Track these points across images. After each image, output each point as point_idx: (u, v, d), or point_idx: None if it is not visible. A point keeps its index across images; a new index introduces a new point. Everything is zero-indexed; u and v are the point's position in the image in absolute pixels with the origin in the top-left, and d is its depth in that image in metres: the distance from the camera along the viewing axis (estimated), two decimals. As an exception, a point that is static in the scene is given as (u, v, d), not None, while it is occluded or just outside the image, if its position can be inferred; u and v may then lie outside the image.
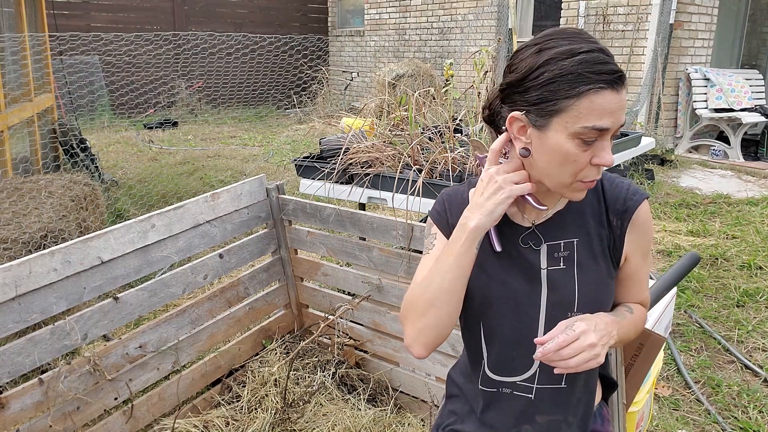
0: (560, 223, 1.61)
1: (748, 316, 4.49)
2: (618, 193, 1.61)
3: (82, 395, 2.59)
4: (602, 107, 1.37)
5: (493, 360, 1.68)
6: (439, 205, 1.73)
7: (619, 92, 1.38)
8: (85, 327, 2.58)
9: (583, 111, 1.37)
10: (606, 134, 1.40)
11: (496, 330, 1.65)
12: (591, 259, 1.59)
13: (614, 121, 1.38)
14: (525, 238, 1.62)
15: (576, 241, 1.59)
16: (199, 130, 12.46)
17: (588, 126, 1.37)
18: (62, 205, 4.33)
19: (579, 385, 1.66)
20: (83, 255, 2.54)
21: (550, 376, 1.63)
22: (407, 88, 3.89)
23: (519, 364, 1.65)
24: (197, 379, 3.17)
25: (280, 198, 3.42)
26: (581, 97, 1.36)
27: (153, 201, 6.96)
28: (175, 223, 2.92)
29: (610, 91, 1.36)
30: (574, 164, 1.42)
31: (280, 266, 3.55)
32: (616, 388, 1.92)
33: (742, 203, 7.25)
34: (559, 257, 1.59)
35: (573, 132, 1.39)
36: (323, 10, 16.73)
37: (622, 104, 1.39)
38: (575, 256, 1.59)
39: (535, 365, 1.63)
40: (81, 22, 13.12)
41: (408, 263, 2.96)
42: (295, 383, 3.24)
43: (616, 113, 1.38)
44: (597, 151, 1.41)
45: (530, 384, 1.65)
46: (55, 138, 7.45)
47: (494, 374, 1.68)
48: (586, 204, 1.62)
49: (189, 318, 3.07)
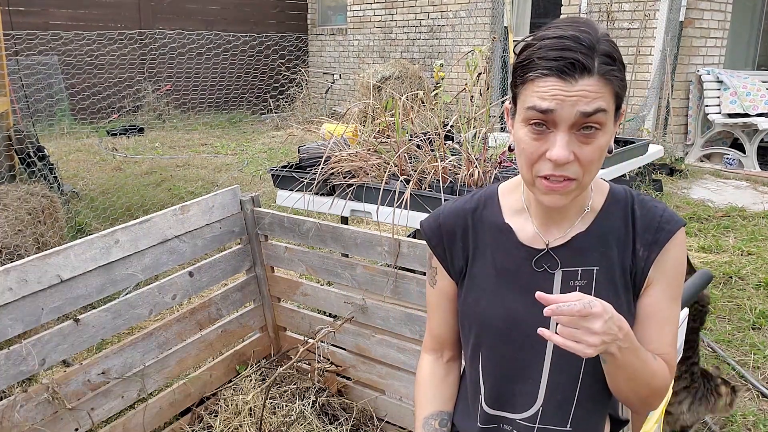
0: (579, 247, 1.59)
1: (765, 339, 4.52)
2: (650, 221, 1.58)
3: (39, 426, 2.59)
4: (543, 91, 1.40)
5: (490, 393, 1.68)
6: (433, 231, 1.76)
7: (568, 81, 1.39)
8: (43, 351, 2.58)
9: (528, 94, 1.43)
10: (557, 123, 1.41)
11: (495, 360, 1.66)
12: (611, 292, 1.56)
13: (560, 106, 1.39)
14: (539, 261, 1.61)
15: (596, 270, 1.57)
16: (167, 137, 12.45)
17: (529, 106, 1.42)
18: (18, 219, 4.33)
19: (585, 428, 1.65)
20: (41, 273, 2.54)
21: (555, 417, 1.62)
22: (394, 91, 3.91)
23: (520, 401, 1.64)
24: (165, 408, 3.17)
25: (256, 211, 3.44)
26: (527, 83, 1.44)
27: (117, 214, 6.96)
28: (141, 239, 2.93)
29: (556, 78, 1.39)
30: (526, 154, 1.46)
31: (256, 285, 3.56)
32: (625, 425, 1.90)
33: (758, 217, 7.29)
34: (575, 286, 1.58)
35: (523, 117, 1.45)
36: (302, 6, 16.77)
37: (574, 92, 1.39)
38: (593, 286, 1.57)
39: (538, 404, 1.62)
40: (38, 20, 13.09)
41: (395, 282, 2.97)
42: (271, 413, 3.24)
43: (561, 99, 1.39)
44: (550, 144, 1.42)
45: (531, 424, 1.64)
46: (11, 146, 7.43)
47: (491, 408, 1.68)
48: (612, 228, 1.59)
49: (156, 342, 3.08)
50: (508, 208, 1.69)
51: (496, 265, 1.65)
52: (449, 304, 1.79)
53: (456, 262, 1.72)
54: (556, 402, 1.61)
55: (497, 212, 1.69)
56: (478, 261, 1.69)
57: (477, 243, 1.69)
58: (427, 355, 1.88)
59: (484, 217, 1.70)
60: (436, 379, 1.83)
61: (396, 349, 3.09)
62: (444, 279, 1.76)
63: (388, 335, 3.12)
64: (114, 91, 13.84)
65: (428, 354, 1.88)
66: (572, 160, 1.41)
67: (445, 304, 1.79)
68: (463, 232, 1.71)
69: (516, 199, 1.68)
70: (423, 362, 1.88)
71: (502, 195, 1.72)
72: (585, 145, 1.41)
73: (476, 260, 1.69)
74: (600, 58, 1.40)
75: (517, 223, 1.66)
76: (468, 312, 1.69)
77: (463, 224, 1.71)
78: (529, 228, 1.63)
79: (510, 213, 1.68)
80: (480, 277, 1.66)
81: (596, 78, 1.39)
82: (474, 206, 1.72)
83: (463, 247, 1.71)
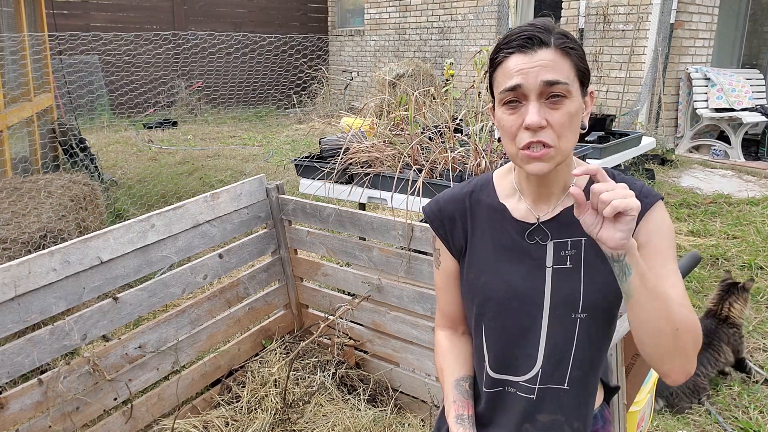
0: (568, 220, 1.59)
1: (749, 316, 4.49)
2: None
3: (81, 395, 2.59)
4: (509, 69, 1.48)
5: (494, 359, 1.68)
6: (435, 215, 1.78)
7: (528, 53, 1.46)
8: (84, 327, 2.58)
9: (499, 78, 1.51)
10: (526, 95, 1.46)
11: (497, 329, 1.66)
12: (600, 259, 1.57)
13: (524, 79, 1.45)
14: (531, 234, 1.62)
15: (584, 240, 1.58)
16: (198, 130, 12.45)
17: (500, 90, 1.50)
18: (61, 205, 4.33)
19: (581, 386, 1.65)
20: (82, 255, 2.54)
21: (553, 377, 1.62)
22: (407, 87, 3.88)
23: (521, 364, 1.65)
24: (197, 379, 3.17)
25: (280, 198, 3.42)
26: (497, 68, 1.52)
27: (152, 201, 6.96)
28: (174, 223, 2.92)
29: (517, 54, 1.47)
30: (506, 130, 1.51)
31: (280, 266, 3.55)
32: (616, 392, 1.91)
33: (742, 203, 7.25)
34: (566, 256, 1.59)
35: (498, 101, 1.51)
36: (323, 9, 16.71)
37: (535, 63, 1.45)
38: (582, 255, 1.59)
39: (537, 365, 1.62)
40: (80, 22, 13.12)
41: (408, 263, 2.96)
42: (294, 383, 3.24)
43: (525, 71, 1.45)
44: (525, 115, 1.47)
45: (532, 385, 1.64)
46: (55, 138, 7.46)
47: (496, 373, 1.68)
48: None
49: (188, 318, 3.07)
50: (501, 190, 1.71)
51: (494, 242, 1.67)
52: (455, 282, 1.79)
53: (456, 242, 1.74)
54: (554, 363, 1.62)
55: (492, 194, 1.71)
56: (477, 239, 1.70)
57: (475, 223, 1.71)
58: (441, 331, 1.88)
59: (481, 199, 1.72)
60: (457, 348, 1.84)
61: (409, 325, 3.07)
62: (447, 260, 1.78)
63: (402, 312, 3.10)
64: (150, 87, 13.85)
65: (443, 330, 1.88)
66: (546, 126, 1.45)
67: (452, 283, 1.80)
68: (462, 213, 1.73)
69: (509, 182, 1.71)
70: (440, 337, 1.88)
71: (497, 179, 1.74)
72: (554, 111, 1.45)
73: (475, 239, 1.71)
74: (555, 35, 1.47)
75: (510, 202, 1.68)
76: (470, 287, 1.70)
77: (461, 207, 1.73)
78: (521, 206, 1.66)
79: (504, 194, 1.70)
80: (479, 253, 1.68)
81: (553, 50, 1.46)
82: (471, 190, 1.75)
83: (463, 228, 1.73)
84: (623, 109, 9.65)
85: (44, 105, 7.04)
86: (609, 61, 10.19)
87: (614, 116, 6.21)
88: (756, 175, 8.62)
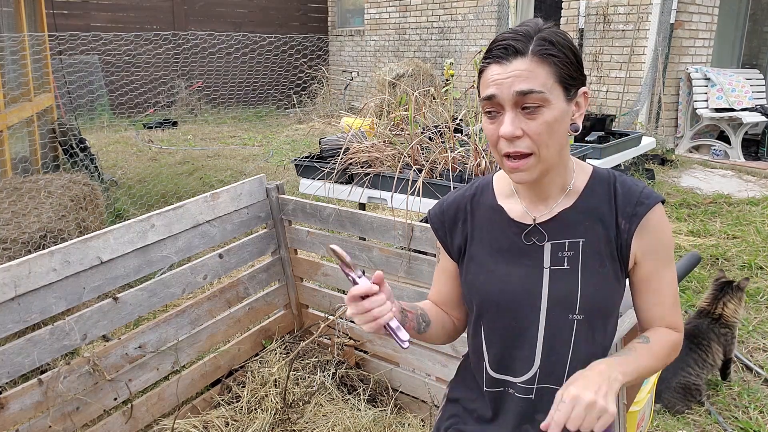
0: (565, 222, 1.61)
1: (749, 316, 4.49)
2: (630, 197, 1.61)
3: (81, 395, 2.59)
4: (487, 79, 1.50)
5: (494, 359, 1.70)
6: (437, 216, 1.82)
7: (503, 64, 1.47)
8: (84, 327, 2.58)
9: (481, 87, 1.52)
10: (502, 105, 1.48)
11: (495, 330, 1.68)
12: (597, 261, 1.58)
13: (499, 89, 1.46)
14: (528, 234, 1.63)
15: (582, 242, 1.60)
16: (198, 130, 12.44)
17: (480, 99, 1.53)
18: (61, 205, 4.33)
19: None
20: (83, 255, 2.54)
21: (551, 377, 1.64)
22: (407, 87, 3.88)
23: (520, 365, 1.66)
24: (197, 379, 3.17)
25: (280, 198, 3.42)
26: (480, 80, 1.54)
27: (152, 201, 6.96)
28: (174, 223, 2.92)
29: (494, 64, 1.48)
30: (490, 139, 1.53)
31: (280, 266, 3.55)
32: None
33: (742, 203, 7.24)
34: (563, 257, 1.60)
35: (481, 109, 1.53)
36: (323, 9, 16.71)
37: (509, 73, 1.46)
38: (580, 256, 1.59)
39: (535, 366, 1.64)
40: (80, 22, 13.11)
41: (408, 263, 2.95)
42: (294, 383, 3.24)
43: (499, 82, 1.46)
44: (501, 124, 1.49)
45: (530, 385, 1.66)
46: (55, 138, 7.45)
47: (496, 372, 1.70)
48: (596, 204, 1.62)
49: (188, 318, 3.07)
50: (500, 191, 1.73)
51: (492, 243, 1.69)
52: (446, 279, 1.84)
53: (455, 243, 1.76)
54: (551, 364, 1.63)
55: (491, 196, 1.73)
56: (476, 241, 1.72)
57: (474, 225, 1.73)
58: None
59: (481, 202, 1.74)
60: (435, 308, 1.85)
61: (409, 325, 3.07)
62: (445, 258, 1.82)
63: (402, 313, 3.09)
64: (150, 87, 13.83)
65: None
66: (522, 135, 1.47)
67: (443, 278, 1.85)
68: (464, 216, 1.75)
69: (507, 183, 1.73)
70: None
71: (497, 180, 1.76)
72: (531, 121, 1.46)
73: (474, 240, 1.73)
74: (536, 41, 1.47)
75: (508, 204, 1.70)
76: (469, 288, 1.72)
77: (463, 209, 1.76)
78: (518, 207, 1.67)
79: (502, 196, 1.72)
80: (478, 255, 1.70)
81: (530, 58, 1.45)
82: (473, 193, 1.77)
83: (463, 229, 1.75)
84: (623, 109, 9.64)
85: (44, 105, 7.03)
86: (609, 61, 10.19)
87: (614, 116, 6.22)
88: (756, 175, 8.61)
